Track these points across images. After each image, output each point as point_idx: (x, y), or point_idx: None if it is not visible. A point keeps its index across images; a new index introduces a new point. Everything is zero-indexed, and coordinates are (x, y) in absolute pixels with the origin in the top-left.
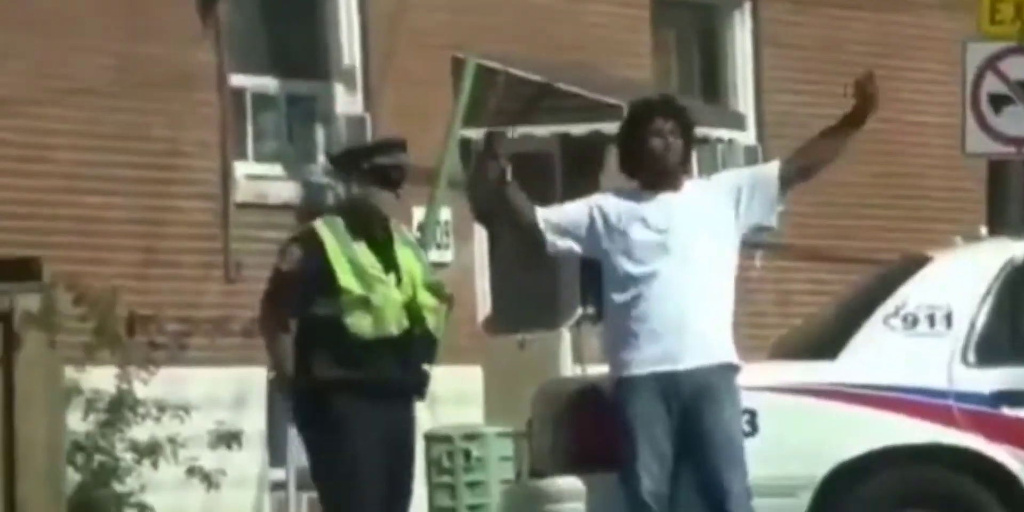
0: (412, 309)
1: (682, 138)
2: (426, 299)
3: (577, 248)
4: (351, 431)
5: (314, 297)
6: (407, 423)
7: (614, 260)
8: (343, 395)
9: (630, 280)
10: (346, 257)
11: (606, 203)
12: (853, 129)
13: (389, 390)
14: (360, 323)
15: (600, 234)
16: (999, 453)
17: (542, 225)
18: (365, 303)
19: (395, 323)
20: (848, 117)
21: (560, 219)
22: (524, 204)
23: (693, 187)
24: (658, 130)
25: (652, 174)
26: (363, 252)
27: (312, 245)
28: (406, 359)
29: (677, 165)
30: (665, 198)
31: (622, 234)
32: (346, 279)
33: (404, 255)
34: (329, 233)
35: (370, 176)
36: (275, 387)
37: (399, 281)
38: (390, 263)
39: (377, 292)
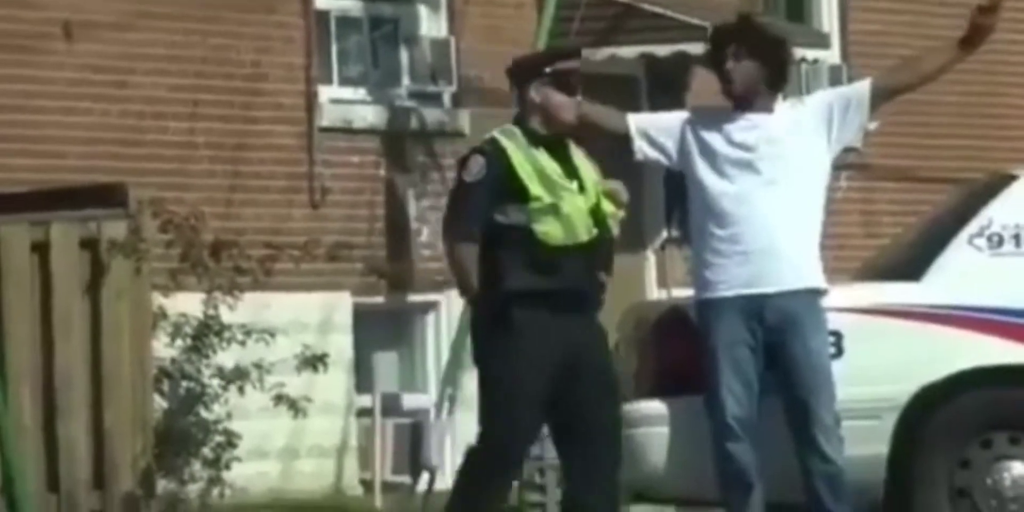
0: (597, 216)
1: (757, 59)
2: (607, 206)
3: (664, 159)
4: (529, 346)
5: (500, 206)
6: (595, 330)
7: (701, 176)
8: (530, 306)
9: (717, 198)
10: (531, 164)
11: (698, 117)
12: (964, 54)
13: (577, 300)
14: (550, 231)
15: (690, 147)
16: None
17: (632, 130)
18: (555, 210)
19: (585, 230)
20: (961, 41)
21: (651, 126)
22: (606, 115)
23: (786, 109)
24: (729, 53)
25: (731, 96)
26: (545, 159)
27: (495, 154)
28: (593, 267)
29: (751, 87)
30: (756, 119)
31: (710, 150)
32: (534, 186)
33: (580, 162)
34: (510, 141)
35: (551, 81)
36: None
37: (582, 188)
38: (571, 170)
39: (564, 199)
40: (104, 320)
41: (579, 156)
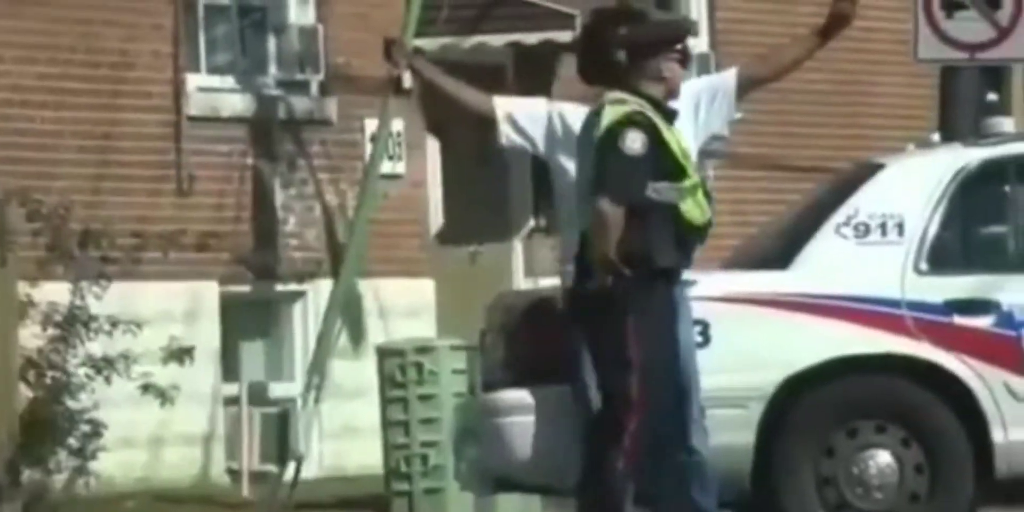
0: (708, 196)
1: None
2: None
3: (529, 146)
4: (673, 322)
5: (653, 183)
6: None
7: (568, 167)
8: (668, 284)
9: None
10: (674, 142)
11: (566, 108)
12: (822, 42)
13: (680, 279)
14: (691, 210)
15: (557, 138)
16: (951, 362)
17: (499, 114)
18: (694, 190)
19: (709, 210)
20: (820, 30)
21: (518, 113)
22: (472, 95)
23: None
24: (617, 43)
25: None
26: (679, 136)
27: (649, 128)
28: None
29: None
30: None
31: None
32: (688, 165)
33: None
34: (655, 117)
35: (678, 57)
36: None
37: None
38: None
39: (695, 178)
40: None
41: None
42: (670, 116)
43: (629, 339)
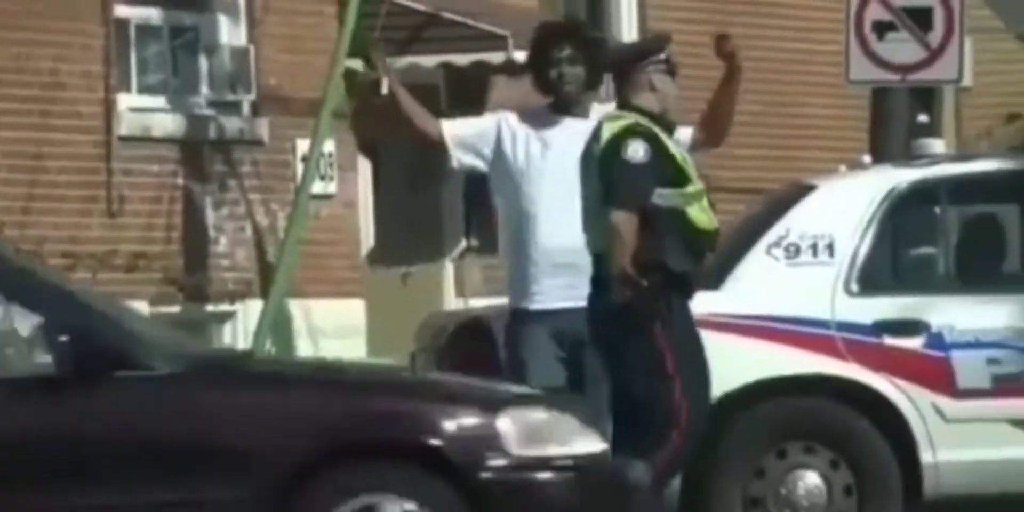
0: (713, 207)
1: (585, 65)
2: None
3: (482, 164)
4: (687, 328)
5: (658, 190)
6: None
7: (516, 181)
8: (683, 289)
9: (529, 205)
10: (673, 148)
11: (513, 120)
12: (732, 89)
13: (694, 287)
14: (698, 216)
15: (506, 151)
16: (880, 383)
17: (448, 138)
18: (699, 197)
19: (714, 218)
20: (723, 80)
21: (467, 133)
22: (424, 116)
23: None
24: (555, 59)
25: (553, 99)
26: (677, 146)
27: (649, 137)
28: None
29: (574, 93)
30: (569, 124)
31: (525, 154)
32: (691, 171)
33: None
34: (655, 127)
35: (667, 68)
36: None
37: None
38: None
39: (699, 184)
40: None
41: None
42: (668, 127)
43: (662, 349)
